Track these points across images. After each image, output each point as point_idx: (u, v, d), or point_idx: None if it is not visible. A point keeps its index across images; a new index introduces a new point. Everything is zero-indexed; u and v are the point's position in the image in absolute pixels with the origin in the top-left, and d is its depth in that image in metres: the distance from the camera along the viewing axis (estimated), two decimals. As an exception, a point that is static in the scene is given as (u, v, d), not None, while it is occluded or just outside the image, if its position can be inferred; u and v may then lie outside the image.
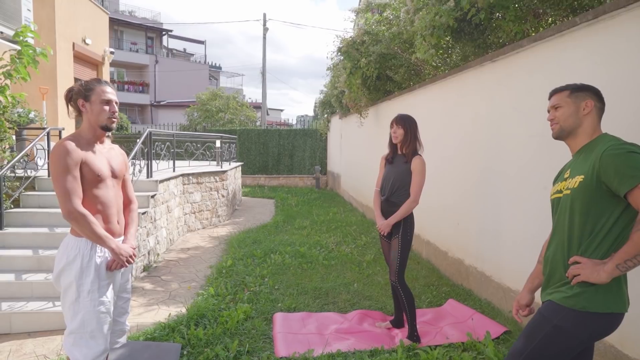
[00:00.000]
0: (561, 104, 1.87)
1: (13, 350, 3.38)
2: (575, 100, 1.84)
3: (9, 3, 6.60)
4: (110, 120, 2.33)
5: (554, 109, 1.90)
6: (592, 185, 1.71)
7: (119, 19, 30.85)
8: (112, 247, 2.24)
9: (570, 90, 1.87)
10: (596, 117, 1.84)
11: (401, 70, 7.17)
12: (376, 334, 3.57)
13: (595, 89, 1.87)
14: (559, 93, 1.90)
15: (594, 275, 1.66)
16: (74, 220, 2.16)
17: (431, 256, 5.71)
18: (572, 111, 1.84)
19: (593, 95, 1.85)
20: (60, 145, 2.19)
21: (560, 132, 1.88)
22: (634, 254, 1.61)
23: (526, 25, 4.05)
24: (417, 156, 3.42)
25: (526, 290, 2.05)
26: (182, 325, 3.64)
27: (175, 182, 7.14)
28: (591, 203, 1.73)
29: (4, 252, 4.39)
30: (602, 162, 1.68)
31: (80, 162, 2.20)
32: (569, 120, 1.85)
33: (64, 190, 2.15)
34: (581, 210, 1.75)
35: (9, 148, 5.68)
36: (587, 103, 1.83)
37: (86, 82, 2.33)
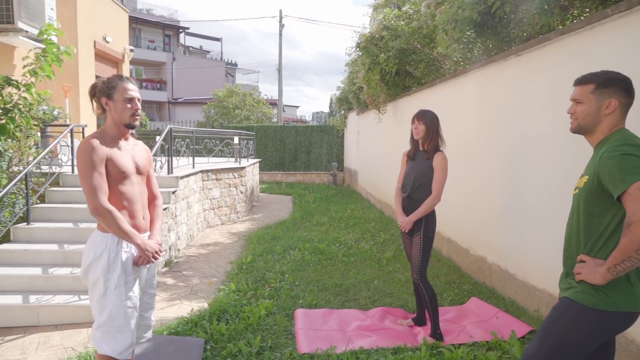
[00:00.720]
0: (583, 100, 1.78)
1: (41, 342, 3.46)
2: (599, 97, 1.75)
3: (33, 2, 6.71)
4: (134, 117, 2.34)
5: (575, 102, 1.83)
6: (593, 186, 1.70)
7: (137, 17, 31.20)
8: (138, 243, 2.26)
9: (595, 85, 1.76)
10: (618, 115, 1.75)
11: (421, 66, 7.10)
12: (398, 331, 3.55)
13: (625, 82, 1.75)
14: (583, 86, 1.80)
15: (591, 276, 1.69)
16: (101, 216, 2.18)
17: (452, 254, 5.65)
18: (593, 110, 1.76)
19: (620, 92, 1.74)
20: (86, 142, 2.22)
21: (578, 129, 1.83)
22: (621, 259, 1.61)
23: (552, 18, 3.95)
24: (439, 152, 3.38)
25: None
26: (204, 320, 3.67)
27: (195, 179, 7.20)
28: (594, 203, 1.72)
29: (31, 247, 4.49)
30: (600, 164, 1.67)
31: (105, 158, 2.22)
32: (587, 119, 1.78)
33: (90, 187, 2.17)
34: (585, 210, 1.75)
35: (35, 145, 5.79)
36: (611, 102, 1.73)
37: (108, 80, 2.32)
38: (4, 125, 4.68)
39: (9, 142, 4.88)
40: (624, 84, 1.75)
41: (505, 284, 4.27)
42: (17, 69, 6.82)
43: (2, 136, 4.67)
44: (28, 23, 6.53)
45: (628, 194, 1.59)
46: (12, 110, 4.80)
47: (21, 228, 4.74)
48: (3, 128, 4.67)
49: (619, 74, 1.76)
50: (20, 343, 3.45)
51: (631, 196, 1.59)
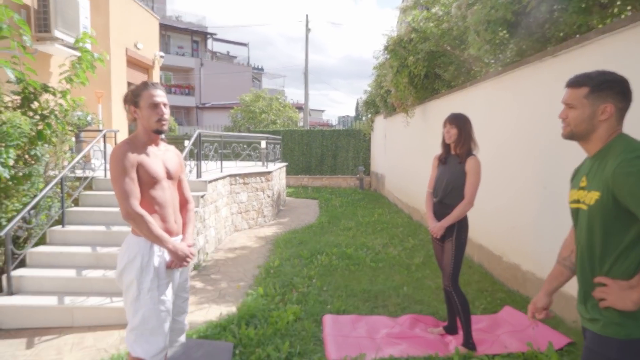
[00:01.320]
0: (576, 105, 1.62)
1: (75, 343, 3.53)
2: (593, 102, 1.58)
3: (69, 12, 6.94)
4: (160, 123, 2.34)
5: (567, 106, 1.66)
6: (609, 204, 1.52)
7: (166, 24, 31.94)
8: (169, 247, 2.28)
9: (590, 89, 1.59)
10: (615, 121, 1.59)
11: (451, 68, 6.97)
12: (429, 339, 3.46)
13: (621, 85, 1.58)
14: (576, 89, 1.63)
15: (621, 303, 1.50)
16: (132, 220, 2.21)
17: (483, 260, 5.50)
18: (587, 116, 1.59)
19: (616, 96, 1.57)
20: (118, 148, 2.26)
21: (571, 135, 1.66)
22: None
23: (591, 17, 3.80)
24: (471, 156, 3.28)
25: (544, 293, 1.86)
26: (233, 324, 3.67)
27: (223, 183, 7.27)
28: (611, 221, 1.54)
29: (65, 249, 4.61)
30: (616, 181, 1.48)
31: (136, 164, 2.26)
32: (581, 125, 1.62)
33: (122, 192, 2.21)
34: (601, 229, 1.56)
35: (69, 150, 5.96)
36: (607, 108, 1.56)
37: (135, 88, 2.36)
38: (41, 131, 4.84)
39: (45, 147, 5.03)
40: (620, 87, 1.58)
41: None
42: (53, 76, 7.06)
43: (40, 141, 4.83)
44: (64, 32, 6.75)
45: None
46: (48, 116, 4.96)
47: (56, 231, 4.88)
48: (40, 134, 4.82)
49: (614, 75, 1.60)
50: (56, 343, 3.54)
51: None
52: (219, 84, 32.73)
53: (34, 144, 4.79)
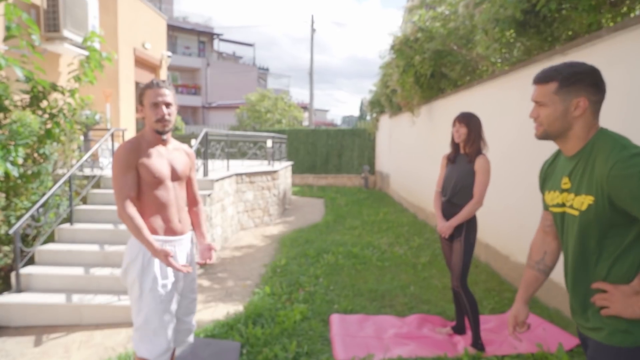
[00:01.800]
0: (546, 102, 1.49)
1: (83, 341, 3.54)
2: (564, 97, 1.45)
3: (78, 12, 6.97)
4: (160, 123, 2.26)
5: (537, 104, 1.53)
6: (605, 209, 1.40)
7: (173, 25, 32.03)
8: (153, 250, 2.13)
9: (558, 83, 1.46)
10: (591, 115, 1.46)
11: (457, 68, 6.94)
12: (437, 340, 3.44)
13: (592, 75, 1.45)
14: (544, 85, 1.50)
15: (628, 311, 1.39)
16: (123, 220, 2.19)
17: (490, 260, 5.47)
18: (559, 113, 1.47)
19: (588, 88, 1.44)
20: (120, 148, 2.26)
21: (545, 135, 1.54)
22: None
23: (601, 15, 3.77)
24: (481, 155, 3.26)
25: (522, 303, 1.73)
26: (240, 323, 3.67)
27: (229, 181, 7.28)
28: (608, 225, 1.43)
29: (74, 247, 4.64)
30: (612, 184, 1.36)
31: (136, 164, 2.23)
32: (555, 124, 1.49)
33: (117, 191, 2.20)
34: (598, 234, 1.45)
35: (78, 148, 5.99)
36: (580, 102, 1.44)
37: (142, 87, 2.32)
38: (50, 129, 4.87)
39: (54, 145, 5.06)
40: (592, 78, 1.45)
41: (549, 293, 4.08)
42: (62, 75, 7.10)
43: (49, 140, 4.85)
44: (73, 31, 6.78)
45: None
46: (57, 115, 4.99)
47: (65, 229, 4.91)
48: (49, 132, 4.85)
49: (584, 65, 1.47)
50: (64, 341, 3.55)
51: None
52: (225, 84, 32.80)
53: (43, 142, 4.83)
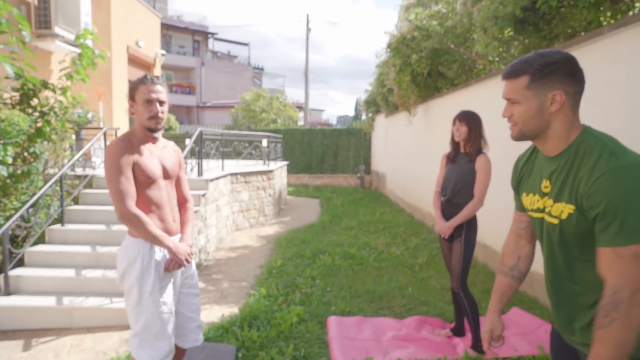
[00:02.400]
0: (518, 99, 1.33)
1: (74, 345, 3.45)
2: (537, 92, 1.30)
3: (70, 9, 6.86)
4: (152, 121, 2.19)
5: (509, 102, 1.37)
6: (587, 219, 1.26)
7: (167, 24, 31.84)
8: (169, 246, 2.20)
9: (529, 77, 1.30)
10: (570, 110, 1.31)
11: (454, 66, 6.89)
12: (436, 342, 3.38)
13: (567, 65, 1.28)
14: (514, 80, 1.34)
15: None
16: (129, 221, 2.12)
17: (488, 260, 5.42)
18: (534, 111, 1.31)
19: (564, 79, 1.28)
20: (113, 146, 2.16)
21: (521, 135, 1.38)
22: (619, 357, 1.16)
23: (602, 13, 3.72)
24: (482, 155, 3.20)
25: (496, 314, 1.58)
26: (235, 326, 3.59)
27: (224, 181, 7.19)
28: (589, 233, 1.27)
29: (65, 248, 4.53)
30: (593, 193, 1.21)
31: (132, 162, 2.15)
32: (530, 123, 1.34)
33: (117, 192, 2.10)
34: (581, 245, 1.31)
35: (69, 147, 5.88)
36: (555, 96, 1.28)
37: (134, 82, 2.24)
38: (40, 128, 4.76)
39: (45, 144, 4.96)
40: (567, 67, 1.29)
41: (549, 294, 4.03)
42: (53, 73, 6.98)
43: (39, 139, 4.74)
44: (64, 28, 6.66)
45: (617, 255, 1.16)
46: (48, 113, 4.88)
47: (56, 229, 4.80)
48: (40, 131, 4.74)
49: (557, 54, 1.30)
50: (54, 345, 3.46)
51: (622, 260, 1.16)
52: (220, 84, 32.65)
53: (33, 141, 4.72)
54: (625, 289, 1.16)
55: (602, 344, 1.19)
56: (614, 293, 1.17)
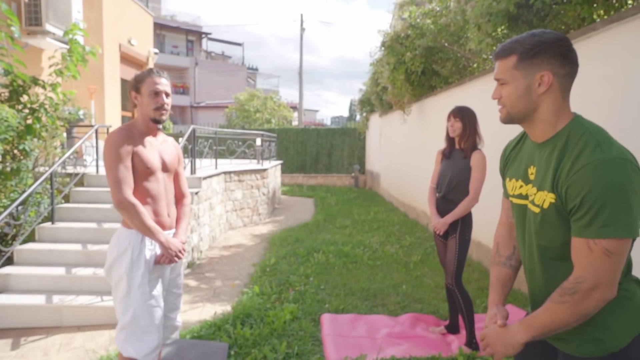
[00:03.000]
0: (506, 79, 1.30)
1: (63, 344, 3.39)
2: (525, 72, 1.26)
3: (61, 5, 6.78)
4: (159, 112, 2.25)
5: (499, 83, 1.34)
6: (566, 210, 1.24)
7: (161, 24, 31.66)
8: (161, 240, 2.18)
9: (518, 57, 1.27)
10: (559, 93, 1.27)
11: (448, 64, 6.89)
12: (431, 339, 3.36)
13: (557, 45, 1.24)
14: (504, 60, 1.31)
15: (508, 350, 1.31)
16: (124, 209, 2.10)
17: (483, 258, 5.41)
18: (522, 91, 1.28)
19: (552, 60, 1.24)
20: (114, 134, 2.16)
21: (510, 118, 1.35)
22: (555, 328, 1.23)
23: (596, 9, 3.72)
24: (477, 151, 3.19)
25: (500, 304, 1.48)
26: (228, 324, 3.55)
27: (218, 180, 7.14)
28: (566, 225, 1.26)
29: (55, 246, 4.47)
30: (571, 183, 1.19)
31: (131, 152, 2.16)
32: (518, 105, 1.30)
33: (115, 179, 2.10)
34: (563, 237, 1.27)
35: (60, 145, 5.81)
36: (543, 77, 1.25)
37: (139, 74, 2.28)
38: (30, 125, 4.69)
39: (35, 141, 4.88)
40: (556, 47, 1.25)
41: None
42: (44, 70, 6.89)
43: (29, 136, 4.67)
44: (55, 25, 6.59)
45: (589, 247, 1.16)
46: (38, 110, 4.81)
47: (46, 227, 4.73)
48: (29, 128, 4.67)
49: (549, 34, 1.26)
50: (43, 344, 3.40)
51: (592, 253, 1.16)
52: (214, 84, 32.51)
53: (23, 138, 4.64)
54: (587, 281, 1.18)
55: (545, 312, 1.25)
56: (577, 282, 1.19)
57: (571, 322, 1.22)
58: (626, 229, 1.13)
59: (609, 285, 1.18)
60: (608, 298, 1.19)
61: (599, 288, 1.17)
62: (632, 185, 1.14)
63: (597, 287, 1.17)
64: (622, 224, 1.13)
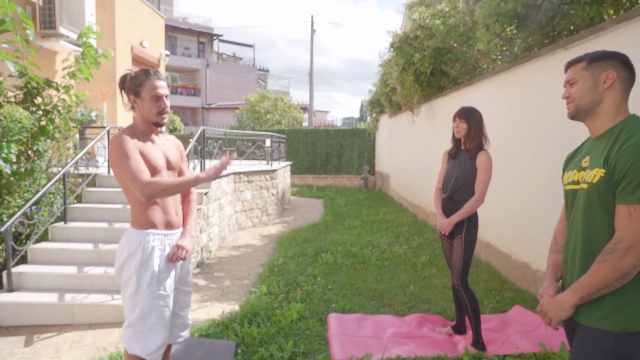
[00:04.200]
0: (577, 79, 1.56)
1: (75, 341, 3.46)
2: (593, 72, 1.52)
3: (74, 9, 6.91)
4: (160, 116, 2.26)
5: (569, 84, 1.60)
6: (613, 182, 1.44)
7: (173, 26, 31.99)
8: (197, 177, 2.20)
9: (587, 61, 1.55)
10: (621, 91, 1.51)
11: (457, 65, 6.87)
12: (437, 339, 3.36)
13: (621, 56, 1.52)
14: (575, 65, 1.58)
15: (561, 314, 1.52)
16: (152, 192, 2.09)
17: (491, 259, 5.39)
18: (589, 86, 1.53)
19: (617, 64, 1.51)
20: (118, 136, 2.18)
21: (577, 112, 1.58)
22: (599, 287, 1.42)
23: (605, 8, 3.70)
24: (482, 151, 3.19)
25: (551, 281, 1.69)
26: (235, 323, 3.59)
27: (227, 180, 7.20)
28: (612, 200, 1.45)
29: (67, 245, 4.55)
30: (624, 153, 1.40)
31: (138, 151, 2.17)
32: (585, 98, 1.54)
33: (130, 172, 2.08)
34: (605, 211, 1.47)
35: (73, 146, 5.92)
36: (608, 74, 1.50)
37: (135, 76, 2.23)
38: (44, 126, 4.79)
39: (48, 142, 4.99)
40: (619, 56, 1.53)
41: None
42: (58, 73, 7.03)
43: (42, 137, 4.77)
44: (69, 28, 6.72)
45: (629, 212, 1.37)
46: (51, 111, 4.91)
47: (59, 227, 4.82)
48: (43, 129, 4.77)
49: (613, 51, 1.55)
50: (55, 341, 3.47)
51: (632, 217, 1.37)
52: (225, 85, 32.74)
53: (37, 139, 4.75)
54: (625, 241, 1.37)
55: (590, 273, 1.44)
56: (616, 242, 1.40)
57: (612, 280, 1.39)
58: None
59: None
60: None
61: (636, 247, 1.36)
62: None
63: (634, 246, 1.36)
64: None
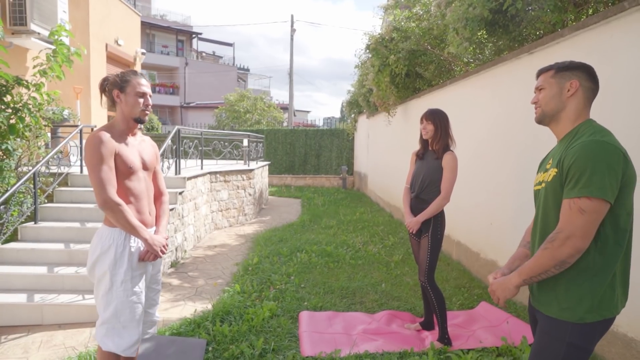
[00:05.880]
0: (544, 85, 1.70)
1: (44, 341, 3.43)
2: (559, 80, 1.66)
3: (46, 5, 6.79)
4: (144, 112, 2.33)
5: (538, 90, 1.74)
6: (562, 180, 1.58)
7: (151, 23, 31.56)
8: (145, 238, 2.23)
9: (555, 70, 1.69)
10: (583, 99, 1.65)
11: (431, 67, 7.01)
12: (405, 335, 3.45)
13: (587, 67, 1.66)
14: (544, 73, 1.73)
15: (506, 293, 1.68)
16: (110, 209, 2.15)
17: (462, 257, 5.53)
18: (554, 93, 1.67)
19: (581, 74, 1.65)
20: (95, 135, 2.19)
21: (542, 116, 1.72)
22: (538, 272, 1.58)
23: (567, 15, 3.85)
24: (448, 152, 3.29)
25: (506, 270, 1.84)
26: (207, 321, 3.61)
27: (203, 180, 7.18)
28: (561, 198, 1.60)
29: (37, 246, 4.49)
30: (572, 152, 1.54)
31: (114, 152, 2.20)
32: (551, 104, 1.68)
33: (99, 180, 2.14)
34: (555, 205, 1.61)
35: (44, 145, 5.82)
36: (572, 83, 1.64)
37: (122, 73, 2.32)
38: (13, 124, 4.70)
39: (18, 141, 4.90)
40: (586, 67, 1.66)
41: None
42: (29, 70, 6.89)
43: (12, 135, 4.69)
44: (40, 25, 6.60)
45: (569, 205, 1.51)
46: (21, 109, 4.82)
47: (29, 227, 4.75)
48: (12, 127, 4.68)
49: (580, 62, 1.69)
50: (23, 342, 3.43)
51: (571, 210, 1.50)
52: (204, 84, 32.46)
53: (6, 137, 4.66)
54: (564, 232, 1.51)
55: (533, 259, 1.60)
56: (557, 232, 1.53)
57: (550, 266, 1.54)
58: (597, 191, 1.46)
59: (580, 237, 1.49)
60: (580, 247, 1.50)
61: (573, 238, 1.49)
62: (610, 162, 1.47)
63: (571, 237, 1.49)
64: (595, 187, 1.46)
